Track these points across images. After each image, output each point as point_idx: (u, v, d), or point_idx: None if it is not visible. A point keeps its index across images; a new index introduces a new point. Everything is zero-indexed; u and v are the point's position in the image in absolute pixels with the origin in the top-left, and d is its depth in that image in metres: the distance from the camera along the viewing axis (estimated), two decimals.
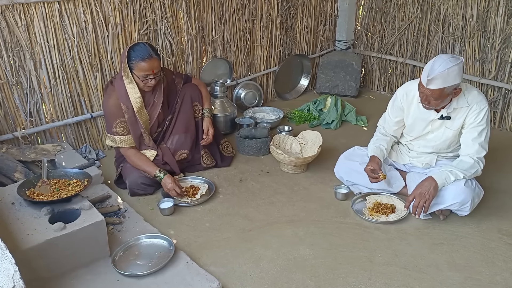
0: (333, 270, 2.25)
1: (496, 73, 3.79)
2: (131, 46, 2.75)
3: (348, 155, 2.96)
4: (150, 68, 2.73)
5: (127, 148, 2.89)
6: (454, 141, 2.66)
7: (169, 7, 3.40)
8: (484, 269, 2.26)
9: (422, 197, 2.45)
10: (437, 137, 2.68)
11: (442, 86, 2.38)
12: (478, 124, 2.52)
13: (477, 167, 2.52)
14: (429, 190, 2.45)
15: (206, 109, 3.15)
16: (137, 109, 2.83)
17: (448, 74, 2.35)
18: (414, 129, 2.75)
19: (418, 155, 2.80)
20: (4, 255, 1.58)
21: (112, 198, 2.72)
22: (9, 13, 2.76)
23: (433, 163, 2.77)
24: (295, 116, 4.03)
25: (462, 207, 2.51)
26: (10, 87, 2.92)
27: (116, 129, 2.85)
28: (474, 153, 2.53)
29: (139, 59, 2.71)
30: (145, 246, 2.37)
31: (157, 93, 2.95)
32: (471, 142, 2.54)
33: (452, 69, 2.35)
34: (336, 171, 2.98)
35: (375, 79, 4.79)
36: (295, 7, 4.34)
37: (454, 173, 2.48)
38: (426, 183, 2.48)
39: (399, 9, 4.34)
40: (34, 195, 2.29)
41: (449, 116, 2.57)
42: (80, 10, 3.00)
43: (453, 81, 2.38)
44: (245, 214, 2.72)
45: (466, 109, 2.54)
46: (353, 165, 2.86)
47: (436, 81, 2.37)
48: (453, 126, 2.60)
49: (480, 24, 3.77)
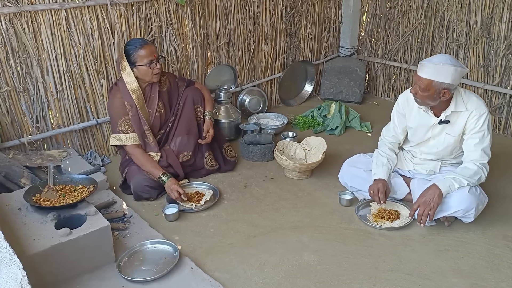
0: (338, 277, 2.25)
1: (500, 79, 3.79)
2: (124, 46, 2.88)
3: (352, 162, 2.96)
4: (151, 53, 2.85)
5: (133, 146, 2.93)
6: (456, 147, 2.66)
7: (174, 14, 3.43)
8: (489, 276, 2.26)
9: (426, 205, 2.44)
10: (438, 143, 2.67)
11: (431, 78, 2.38)
12: (479, 130, 2.51)
13: (480, 174, 2.51)
14: (434, 198, 2.44)
15: (208, 111, 3.19)
16: (140, 106, 2.91)
17: (441, 69, 2.37)
18: (415, 135, 2.75)
19: (422, 161, 2.80)
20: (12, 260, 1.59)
21: (117, 203, 2.74)
22: (16, 20, 2.80)
23: (437, 169, 2.77)
24: (299, 122, 4.04)
25: (467, 214, 2.50)
26: (17, 93, 2.95)
27: (121, 127, 2.90)
28: (477, 159, 2.52)
29: (137, 48, 2.83)
30: (150, 252, 2.38)
31: (153, 88, 3.03)
32: (473, 148, 2.53)
33: (447, 67, 2.37)
34: (341, 177, 2.98)
35: (379, 85, 4.79)
36: (299, 14, 4.36)
37: (458, 180, 2.47)
38: (430, 191, 2.47)
39: (403, 15, 4.35)
40: (40, 200, 2.31)
41: (448, 120, 2.57)
42: (87, 18, 3.03)
43: (443, 79, 2.37)
44: (250, 220, 2.73)
45: (465, 114, 2.53)
46: (357, 172, 2.86)
47: (427, 70, 2.39)
48: (454, 131, 2.60)
49: (484, 30, 3.77)
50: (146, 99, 3.00)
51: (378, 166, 2.74)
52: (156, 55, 2.88)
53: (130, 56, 2.84)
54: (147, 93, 3.01)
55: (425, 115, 2.63)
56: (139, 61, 2.84)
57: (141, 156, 2.92)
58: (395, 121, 2.82)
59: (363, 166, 2.86)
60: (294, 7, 4.28)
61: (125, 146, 2.94)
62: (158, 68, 2.90)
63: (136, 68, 2.86)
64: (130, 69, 2.85)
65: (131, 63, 2.85)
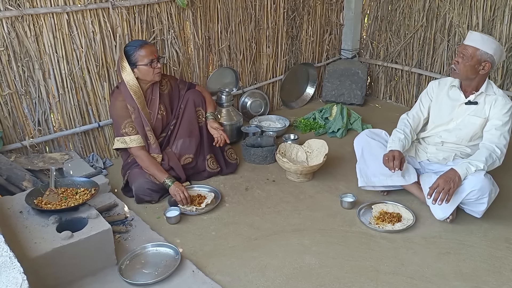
0: (339, 279, 2.25)
1: (502, 81, 3.79)
2: (124, 47, 2.90)
3: (372, 134, 2.96)
4: (151, 52, 2.86)
5: (138, 148, 2.93)
6: (478, 133, 2.69)
7: (176, 17, 3.44)
8: (491, 279, 2.25)
9: (446, 183, 2.46)
10: (462, 124, 2.71)
11: (477, 46, 2.53)
12: (504, 115, 2.60)
13: (496, 155, 2.55)
14: (454, 179, 2.47)
15: (210, 112, 3.19)
16: (141, 106, 2.92)
17: (488, 40, 2.55)
18: (439, 114, 2.81)
19: (436, 151, 2.81)
20: (13, 264, 1.59)
21: (119, 206, 2.74)
22: (18, 24, 2.81)
23: (451, 159, 2.79)
24: (301, 125, 4.04)
25: (480, 198, 2.50)
26: (19, 96, 2.95)
27: (125, 129, 2.91)
28: (495, 140, 2.58)
29: (137, 49, 2.85)
30: (151, 255, 2.38)
31: (154, 89, 3.03)
32: (494, 129, 2.60)
33: (492, 41, 2.56)
34: (356, 143, 2.97)
35: (380, 88, 4.79)
36: (300, 17, 4.36)
37: (474, 164, 2.50)
38: (450, 173, 2.50)
39: (404, 18, 4.35)
40: (42, 203, 2.31)
41: (476, 102, 2.65)
42: (88, 21, 3.04)
43: (488, 49, 2.52)
44: (251, 223, 2.73)
45: (492, 98, 2.62)
46: (373, 144, 2.88)
47: (475, 38, 2.56)
48: (478, 113, 2.65)
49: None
50: (147, 101, 3.01)
51: (394, 141, 2.77)
52: (156, 54, 2.90)
53: (131, 57, 2.85)
54: (148, 95, 3.02)
55: (455, 93, 2.74)
56: (140, 60, 2.85)
57: (146, 158, 2.93)
58: (422, 100, 2.91)
59: (382, 140, 2.91)
60: (295, 9, 4.28)
61: (129, 148, 2.94)
62: (159, 68, 2.91)
63: (137, 68, 2.87)
64: (130, 70, 2.85)
65: (132, 64, 2.86)
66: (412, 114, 2.92)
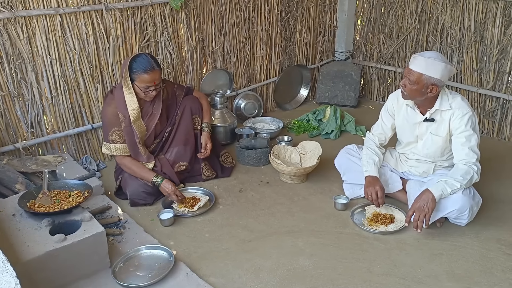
0: (333, 281, 2.26)
1: (494, 83, 3.82)
2: (133, 57, 2.77)
3: (348, 150, 3.05)
4: (152, 80, 2.76)
5: (122, 157, 2.92)
6: (446, 148, 2.68)
7: (169, 19, 3.44)
8: (483, 280, 2.27)
9: (421, 211, 2.45)
10: (426, 144, 2.71)
11: (421, 72, 2.46)
12: (464, 129, 2.54)
13: (471, 173, 2.50)
14: (428, 203, 2.44)
15: (205, 123, 3.16)
16: (133, 119, 2.84)
17: (432, 64, 2.44)
18: (404, 134, 2.81)
19: (416, 164, 2.82)
20: (5, 268, 1.59)
21: (112, 209, 2.73)
22: (11, 26, 2.79)
23: (431, 171, 2.79)
24: (295, 126, 4.05)
25: (461, 215, 2.52)
26: (12, 99, 2.94)
27: (112, 137, 2.87)
28: (465, 158, 2.53)
29: (141, 71, 2.73)
30: (145, 257, 2.37)
31: (156, 104, 2.96)
32: (460, 147, 2.55)
33: (438, 63, 2.44)
34: (337, 164, 3.07)
35: (374, 89, 4.82)
36: (294, 18, 4.38)
37: (450, 184, 2.47)
38: (424, 196, 2.48)
39: (397, 20, 4.38)
40: (35, 206, 2.31)
41: (433, 118, 2.62)
42: (82, 23, 3.03)
43: (433, 73, 2.44)
44: (245, 225, 2.73)
45: (449, 113, 2.58)
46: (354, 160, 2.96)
47: (419, 63, 2.47)
48: (439, 131, 2.63)
49: (478, 35, 3.80)
50: (145, 114, 2.93)
51: (369, 163, 2.79)
52: (157, 82, 2.78)
53: (132, 73, 2.75)
54: (148, 108, 2.94)
55: (412, 112, 2.70)
56: (138, 82, 2.76)
57: (131, 164, 2.90)
58: (383, 118, 2.90)
59: (356, 155, 2.98)
60: (289, 11, 4.29)
61: (114, 156, 2.93)
62: (153, 95, 2.82)
63: (133, 84, 2.80)
64: (130, 83, 2.78)
65: (131, 78, 2.78)
66: (377, 134, 2.92)
